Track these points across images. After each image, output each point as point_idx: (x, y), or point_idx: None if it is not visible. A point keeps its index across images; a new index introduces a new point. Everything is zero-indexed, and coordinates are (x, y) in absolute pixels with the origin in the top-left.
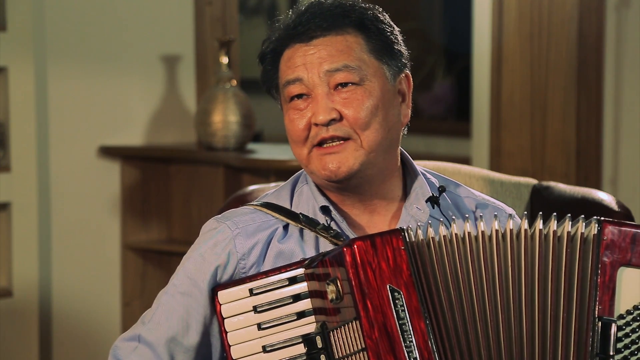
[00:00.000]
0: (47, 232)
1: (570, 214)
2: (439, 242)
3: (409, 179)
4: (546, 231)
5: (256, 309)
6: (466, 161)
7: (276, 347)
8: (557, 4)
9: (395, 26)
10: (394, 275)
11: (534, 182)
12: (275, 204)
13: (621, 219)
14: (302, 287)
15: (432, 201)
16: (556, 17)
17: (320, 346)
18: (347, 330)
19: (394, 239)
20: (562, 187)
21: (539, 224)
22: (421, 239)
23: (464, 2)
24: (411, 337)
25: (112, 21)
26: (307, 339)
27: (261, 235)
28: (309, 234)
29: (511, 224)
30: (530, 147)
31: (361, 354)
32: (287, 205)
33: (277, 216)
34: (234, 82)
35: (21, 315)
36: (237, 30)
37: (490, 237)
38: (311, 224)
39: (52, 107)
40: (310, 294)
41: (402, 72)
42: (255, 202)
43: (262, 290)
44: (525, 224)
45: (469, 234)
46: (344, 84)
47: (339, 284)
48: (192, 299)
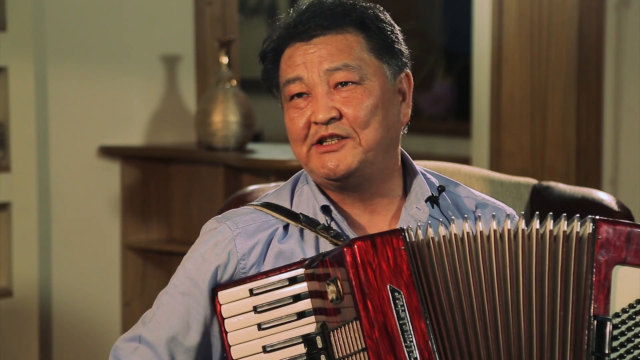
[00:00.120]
0: (47, 232)
1: (566, 213)
2: (439, 242)
3: (409, 179)
4: (542, 231)
5: (256, 309)
6: (466, 161)
7: (276, 347)
8: (557, 4)
9: (395, 25)
10: (394, 275)
11: (534, 182)
12: (275, 204)
13: (621, 219)
14: (302, 287)
15: (432, 201)
16: (556, 17)
17: (320, 346)
18: (348, 330)
19: (394, 239)
20: (562, 187)
21: (535, 223)
22: (421, 239)
23: (464, 2)
24: (411, 337)
25: (112, 21)
26: (307, 339)
27: (261, 235)
28: (309, 234)
29: (509, 223)
30: (530, 147)
31: (361, 354)
32: (287, 205)
33: (278, 216)
34: (234, 82)
35: (21, 315)
36: (237, 30)
37: (488, 237)
38: (311, 224)
39: (52, 107)
40: (310, 294)
41: (402, 72)
42: (255, 202)
43: (262, 290)
44: (522, 223)
45: (468, 234)
46: (344, 83)
47: (339, 284)
48: (192, 299)
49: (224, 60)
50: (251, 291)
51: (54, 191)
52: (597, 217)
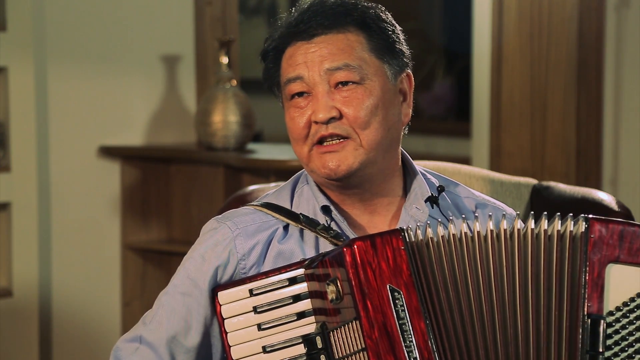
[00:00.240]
0: (47, 232)
1: (560, 213)
2: (438, 242)
3: (409, 179)
4: (537, 230)
5: (256, 310)
6: (466, 161)
7: (276, 348)
8: (557, 4)
9: (397, 25)
10: (394, 275)
11: (534, 182)
12: (275, 204)
13: (621, 219)
14: (302, 287)
15: (432, 201)
16: (556, 17)
17: (320, 346)
18: (347, 330)
19: (393, 239)
20: (562, 187)
21: (530, 223)
22: (420, 239)
23: (464, 2)
24: (411, 337)
25: (112, 21)
26: (307, 339)
27: (261, 235)
28: (309, 234)
29: (505, 223)
30: (530, 147)
31: (361, 354)
32: (287, 205)
33: (277, 216)
34: (234, 82)
35: (21, 315)
36: (237, 30)
37: (485, 237)
38: (311, 224)
39: (52, 107)
40: (310, 295)
41: (403, 72)
42: (255, 203)
43: (262, 290)
44: (518, 223)
45: (466, 234)
46: (345, 83)
47: (339, 284)
48: (192, 299)
49: (224, 60)
50: (251, 291)
51: (54, 191)
52: (590, 216)
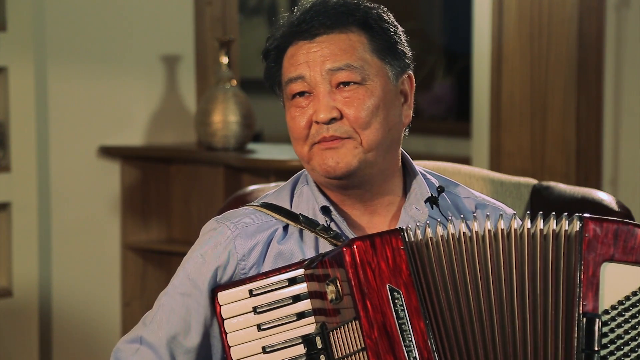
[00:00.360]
0: (47, 232)
1: (555, 212)
2: (437, 243)
3: (408, 180)
4: (533, 230)
5: (256, 310)
6: (466, 161)
7: (276, 348)
8: (557, 4)
9: (399, 26)
10: (394, 275)
11: (534, 182)
12: (275, 204)
13: (621, 219)
14: (301, 287)
15: (431, 201)
16: (556, 17)
17: (320, 346)
18: (347, 330)
19: (393, 239)
20: (562, 187)
21: (526, 223)
22: (420, 239)
23: (464, 2)
24: (411, 337)
25: (112, 21)
26: (306, 340)
27: (261, 236)
28: (309, 235)
29: (502, 223)
30: (530, 147)
31: (361, 354)
32: (286, 205)
33: (277, 217)
34: (234, 82)
35: (21, 315)
36: (237, 30)
37: (483, 237)
38: (311, 224)
39: (52, 107)
40: (310, 295)
41: (404, 73)
42: (255, 203)
43: (262, 291)
44: (515, 223)
45: (464, 234)
46: (346, 83)
47: (338, 285)
48: (192, 300)
49: (224, 60)
50: (251, 292)
51: (54, 191)
52: (585, 215)
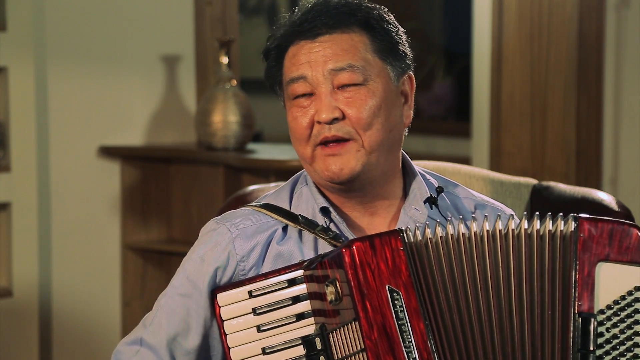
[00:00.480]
0: (47, 232)
1: (551, 212)
2: (436, 243)
3: (408, 181)
4: (530, 230)
5: (255, 311)
6: (466, 161)
7: (276, 349)
8: (557, 4)
9: (400, 27)
10: (393, 276)
11: (534, 182)
12: (274, 205)
13: (621, 219)
14: (301, 288)
15: (431, 202)
16: (556, 17)
17: (319, 347)
18: (347, 331)
19: (392, 239)
20: (562, 187)
21: (523, 223)
22: (419, 240)
23: (464, 2)
24: (410, 338)
25: (112, 21)
26: (306, 341)
27: (260, 237)
28: (308, 236)
29: (500, 224)
30: (530, 147)
31: (360, 354)
32: (286, 206)
33: (276, 217)
34: (234, 82)
35: (21, 315)
36: (237, 30)
37: (481, 237)
38: (310, 225)
39: (52, 107)
40: (309, 296)
41: (405, 73)
42: (254, 203)
43: (261, 292)
44: (512, 224)
45: (463, 234)
46: (348, 85)
47: (338, 285)
48: (192, 301)
49: (224, 60)
50: (250, 293)
51: (54, 191)
52: (580, 215)
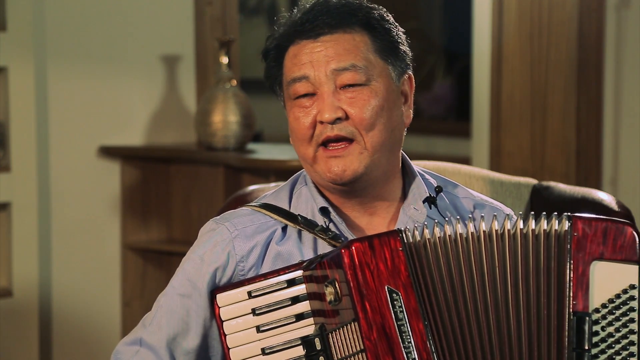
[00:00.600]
0: (47, 232)
1: (545, 212)
2: (434, 243)
3: (407, 180)
4: (525, 230)
5: (255, 312)
6: (466, 161)
7: (275, 350)
8: (557, 4)
9: (399, 27)
10: (392, 276)
11: (534, 182)
12: (273, 205)
13: (621, 218)
14: (300, 289)
15: (430, 202)
16: (556, 17)
17: (319, 348)
18: (346, 331)
19: (391, 240)
20: (562, 187)
21: (519, 223)
22: (418, 240)
23: (464, 2)
24: (410, 338)
25: (112, 21)
26: (306, 341)
27: (260, 237)
28: (307, 236)
29: (496, 224)
30: (530, 147)
31: (360, 355)
32: (285, 206)
33: (276, 217)
34: (234, 82)
35: (21, 315)
36: (237, 30)
37: (478, 237)
38: (309, 225)
39: (52, 107)
40: (308, 296)
41: (405, 73)
42: (253, 203)
43: (260, 292)
44: (508, 224)
45: (461, 235)
46: (351, 85)
47: (337, 286)
48: (191, 301)
49: (224, 60)
50: (249, 293)
51: (54, 191)
52: (573, 214)
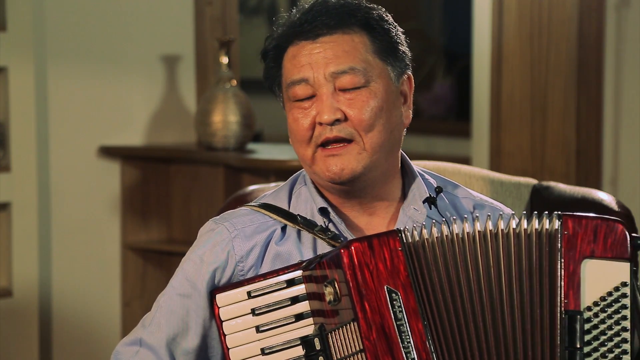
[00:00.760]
0: (47, 232)
1: (537, 211)
2: (432, 243)
3: (407, 181)
4: (518, 230)
5: (254, 312)
6: (466, 161)
7: (275, 350)
8: (557, 4)
9: (398, 27)
10: (392, 276)
11: (534, 182)
12: (272, 204)
13: (621, 218)
14: (300, 289)
15: (429, 202)
16: (556, 17)
17: (318, 348)
18: (345, 331)
19: (391, 240)
20: (562, 187)
21: (512, 223)
22: (417, 240)
23: (464, 2)
24: (409, 338)
25: (112, 21)
26: (305, 341)
27: (259, 237)
28: (307, 236)
29: (490, 224)
30: (530, 147)
31: (359, 355)
32: (284, 206)
33: (275, 217)
34: (234, 82)
35: (21, 315)
36: (237, 30)
37: (474, 237)
38: (309, 225)
39: (52, 107)
40: (308, 296)
41: (404, 73)
42: (253, 203)
43: (260, 292)
44: (502, 223)
45: (457, 235)
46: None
47: (336, 286)
48: (191, 301)
49: (224, 60)
50: (249, 294)
51: (54, 191)
52: (563, 213)
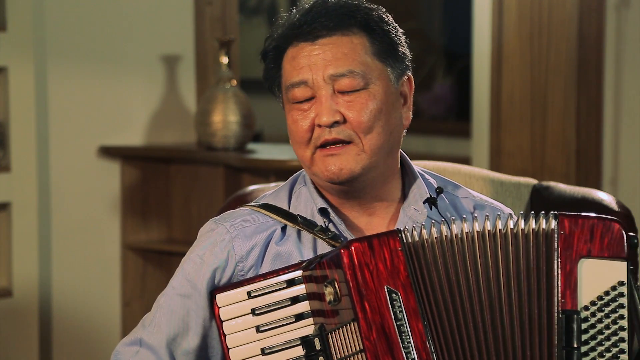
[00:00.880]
0: (47, 232)
1: (533, 211)
2: (432, 243)
3: (407, 181)
4: (515, 230)
5: (254, 312)
6: (466, 161)
7: (275, 350)
8: (557, 4)
9: (398, 28)
10: (392, 276)
11: (534, 182)
12: (272, 205)
13: (621, 219)
14: (300, 289)
15: (430, 202)
16: (556, 17)
17: (318, 348)
18: (345, 331)
19: (391, 240)
20: (562, 187)
21: (509, 223)
22: (417, 240)
23: (464, 2)
24: (409, 338)
25: (112, 21)
26: (305, 341)
27: (259, 237)
28: (307, 236)
29: (488, 224)
30: (530, 147)
31: (359, 355)
32: (284, 206)
33: (275, 217)
34: (234, 82)
35: (21, 315)
36: (237, 30)
37: (473, 237)
38: (309, 225)
39: (52, 107)
40: (308, 296)
41: (404, 74)
42: (253, 203)
43: (260, 292)
44: (499, 224)
45: (455, 235)
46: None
47: (336, 286)
48: (191, 301)
49: (224, 60)
50: (249, 294)
51: (54, 191)
52: (559, 212)
